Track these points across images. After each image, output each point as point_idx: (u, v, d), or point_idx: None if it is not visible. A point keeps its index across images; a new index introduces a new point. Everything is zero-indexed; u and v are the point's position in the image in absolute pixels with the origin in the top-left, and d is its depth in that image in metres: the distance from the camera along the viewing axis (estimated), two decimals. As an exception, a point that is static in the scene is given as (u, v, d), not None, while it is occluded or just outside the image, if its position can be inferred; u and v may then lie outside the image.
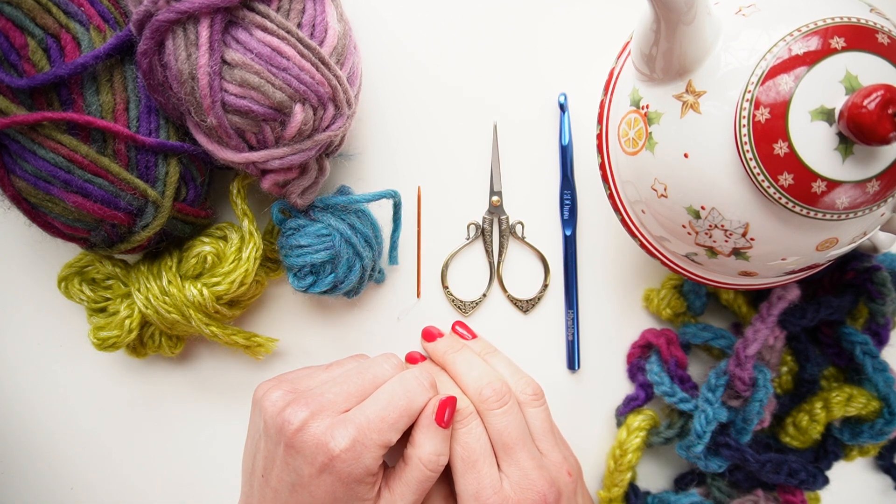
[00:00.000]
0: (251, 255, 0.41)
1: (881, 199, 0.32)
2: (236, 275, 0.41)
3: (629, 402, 0.47)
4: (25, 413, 0.48)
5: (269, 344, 0.45)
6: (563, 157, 0.47)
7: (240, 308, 0.44)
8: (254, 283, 0.43)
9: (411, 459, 0.38)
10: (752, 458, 0.42)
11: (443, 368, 0.44)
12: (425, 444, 0.37)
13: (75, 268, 0.43)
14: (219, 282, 0.41)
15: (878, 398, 0.42)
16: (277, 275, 0.46)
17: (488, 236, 0.48)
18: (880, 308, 0.43)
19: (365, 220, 0.43)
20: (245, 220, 0.42)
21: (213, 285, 0.41)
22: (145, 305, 0.41)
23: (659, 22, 0.32)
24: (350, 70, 0.39)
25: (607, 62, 0.41)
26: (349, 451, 0.35)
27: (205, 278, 0.41)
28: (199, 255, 0.41)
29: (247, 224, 0.42)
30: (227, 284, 0.41)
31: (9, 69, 0.36)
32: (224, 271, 0.41)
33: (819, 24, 0.31)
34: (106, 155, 0.37)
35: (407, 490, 0.37)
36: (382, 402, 0.37)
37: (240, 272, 0.41)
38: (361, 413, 0.36)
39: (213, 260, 0.41)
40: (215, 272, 0.41)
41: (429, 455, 0.37)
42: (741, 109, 0.31)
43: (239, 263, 0.41)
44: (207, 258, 0.41)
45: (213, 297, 0.41)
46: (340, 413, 0.37)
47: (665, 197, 0.36)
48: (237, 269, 0.41)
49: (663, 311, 0.47)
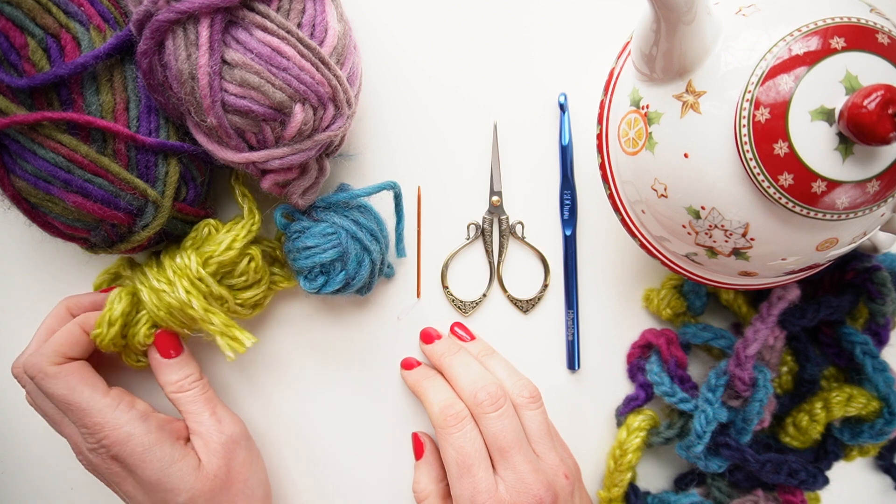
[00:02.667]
0: (245, 226, 0.42)
1: (881, 199, 0.32)
2: (223, 237, 0.41)
3: (629, 402, 0.47)
4: (25, 413, 0.48)
5: (244, 339, 0.41)
6: (563, 157, 0.47)
7: (246, 308, 0.44)
8: (262, 287, 0.43)
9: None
10: (752, 458, 0.42)
11: (439, 371, 0.44)
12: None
13: (111, 274, 0.44)
14: (213, 250, 0.41)
15: (878, 398, 0.42)
16: (284, 285, 0.45)
17: (488, 236, 0.48)
18: (880, 308, 0.43)
19: (368, 215, 0.43)
20: (245, 202, 0.42)
21: (205, 254, 0.41)
22: (144, 285, 0.41)
23: (659, 22, 0.32)
24: (350, 70, 0.39)
25: (607, 62, 0.41)
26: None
27: (200, 249, 0.41)
28: (199, 227, 0.42)
29: (247, 204, 0.42)
30: (214, 245, 0.41)
31: (9, 69, 0.36)
32: (218, 240, 0.41)
33: (819, 24, 0.31)
34: (106, 155, 0.37)
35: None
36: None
37: (229, 235, 0.41)
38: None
39: (209, 230, 0.42)
40: (210, 241, 0.41)
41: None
42: (741, 109, 0.31)
43: (232, 230, 0.41)
44: (205, 229, 0.42)
45: (200, 260, 0.40)
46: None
47: (665, 197, 0.36)
48: (228, 235, 0.41)
49: (663, 311, 0.47)
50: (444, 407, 0.40)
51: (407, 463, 0.47)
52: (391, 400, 0.48)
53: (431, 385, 0.43)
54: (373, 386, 0.48)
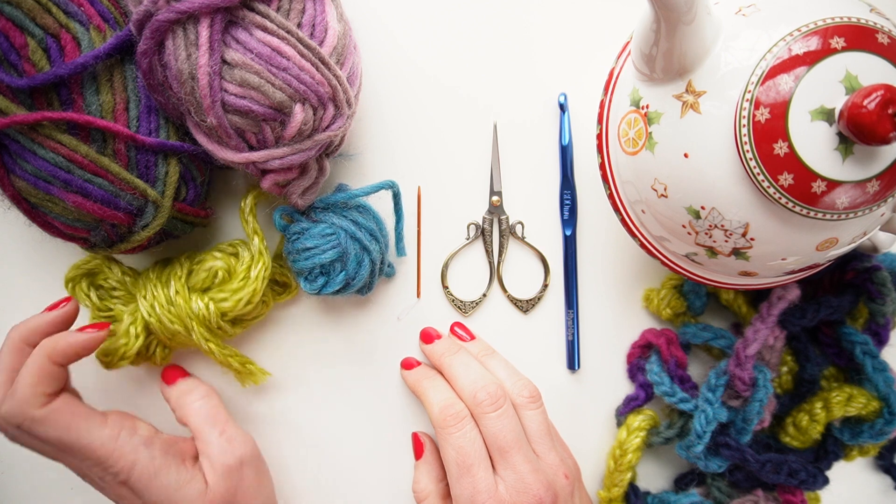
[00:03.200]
0: (260, 275, 0.41)
1: (881, 199, 0.32)
2: (244, 293, 0.41)
3: (629, 402, 0.47)
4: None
5: (260, 375, 0.44)
6: (563, 157, 0.47)
7: (242, 327, 0.44)
8: (260, 303, 0.43)
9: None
10: (752, 458, 0.42)
11: (439, 371, 0.44)
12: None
13: (83, 269, 0.43)
14: (226, 297, 0.41)
15: (878, 398, 0.42)
16: (283, 298, 0.46)
17: (488, 236, 0.48)
18: (880, 308, 0.43)
19: (367, 215, 0.43)
20: (255, 238, 0.42)
21: (219, 300, 0.41)
22: (149, 313, 0.41)
23: (659, 22, 0.32)
24: (350, 70, 0.39)
25: (607, 62, 0.41)
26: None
27: (212, 293, 0.41)
28: (211, 269, 0.42)
29: (257, 242, 0.42)
30: (233, 301, 0.41)
31: (9, 69, 0.36)
32: (232, 288, 0.41)
33: (819, 24, 0.31)
34: (106, 155, 0.37)
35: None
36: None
37: (248, 290, 0.41)
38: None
39: (223, 275, 0.42)
40: (224, 288, 0.42)
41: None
42: (741, 109, 0.31)
43: (248, 282, 0.41)
44: (218, 273, 0.42)
45: (217, 312, 0.41)
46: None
47: (665, 197, 0.36)
48: (245, 287, 0.41)
49: (663, 311, 0.47)
50: (444, 407, 0.40)
51: (407, 463, 0.47)
52: (391, 400, 0.48)
53: (431, 385, 0.43)
54: (373, 386, 0.48)
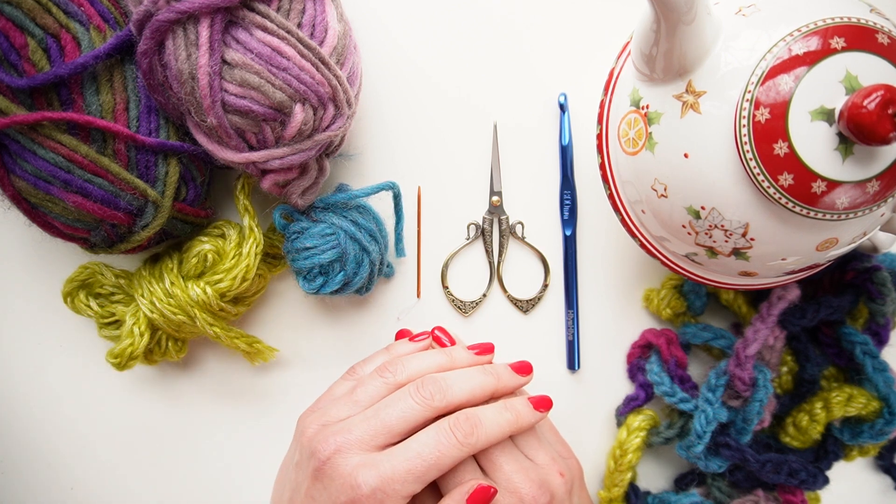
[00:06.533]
0: (251, 251, 0.41)
1: (881, 199, 0.32)
2: (238, 270, 0.41)
3: (629, 402, 0.47)
4: (25, 413, 0.48)
5: (268, 352, 0.45)
6: (563, 157, 0.47)
7: (244, 305, 0.44)
8: (256, 277, 0.43)
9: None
10: (752, 458, 0.42)
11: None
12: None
13: (77, 282, 0.43)
14: (221, 279, 0.41)
15: (878, 398, 0.42)
16: (279, 269, 0.46)
17: (488, 236, 0.48)
18: (880, 308, 0.43)
19: (367, 215, 0.43)
20: (246, 216, 0.42)
21: (215, 283, 0.41)
22: (150, 310, 0.41)
23: (659, 22, 0.32)
24: (350, 70, 0.39)
25: (607, 62, 0.41)
26: (371, 496, 0.34)
27: (207, 276, 0.41)
28: (199, 253, 0.41)
29: (247, 220, 0.42)
30: (229, 281, 0.41)
31: (9, 69, 0.36)
32: (225, 268, 0.41)
33: (819, 24, 0.31)
34: (106, 155, 0.37)
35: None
36: (411, 454, 0.36)
37: (241, 268, 0.41)
38: (388, 462, 0.35)
39: (213, 258, 0.41)
40: (217, 269, 0.41)
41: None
42: (741, 109, 0.31)
43: (240, 259, 0.41)
44: (208, 256, 0.41)
45: (216, 294, 0.41)
46: (368, 451, 0.36)
47: (665, 197, 0.36)
48: (238, 264, 0.41)
49: (663, 311, 0.47)
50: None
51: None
52: (391, 400, 0.48)
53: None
54: (373, 386, 0.48)
